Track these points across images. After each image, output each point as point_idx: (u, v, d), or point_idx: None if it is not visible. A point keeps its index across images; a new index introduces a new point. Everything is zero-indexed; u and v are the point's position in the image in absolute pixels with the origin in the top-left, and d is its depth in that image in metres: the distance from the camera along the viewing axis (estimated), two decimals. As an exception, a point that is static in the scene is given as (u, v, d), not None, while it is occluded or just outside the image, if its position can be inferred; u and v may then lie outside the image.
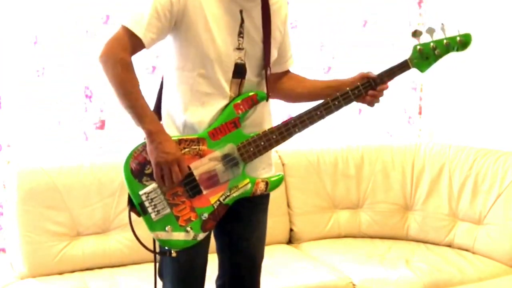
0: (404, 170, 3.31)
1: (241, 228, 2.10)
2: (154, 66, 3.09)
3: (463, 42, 2.10)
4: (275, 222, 3.15)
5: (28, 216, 2.67)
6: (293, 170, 3.23)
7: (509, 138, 3.22)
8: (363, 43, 3.61)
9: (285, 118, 2.14)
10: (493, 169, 3.05)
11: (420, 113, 3.82)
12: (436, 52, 2.10)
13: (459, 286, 2.74)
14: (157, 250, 1.98)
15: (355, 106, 3.65)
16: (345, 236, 3.28)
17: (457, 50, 2.11)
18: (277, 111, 2.16)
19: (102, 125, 3.06)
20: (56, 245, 2.70)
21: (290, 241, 3.24)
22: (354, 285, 2.75)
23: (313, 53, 3.53)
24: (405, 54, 2.19)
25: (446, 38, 2.10)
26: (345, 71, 3.60)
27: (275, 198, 3.14)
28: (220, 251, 2.16)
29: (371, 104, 2.08)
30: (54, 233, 2.70)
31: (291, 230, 3.23)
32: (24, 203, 2.66)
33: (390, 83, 2.13)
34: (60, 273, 2.70)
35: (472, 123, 3.47)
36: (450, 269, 2.85)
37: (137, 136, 1.96)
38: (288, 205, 3.23)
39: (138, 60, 1.93)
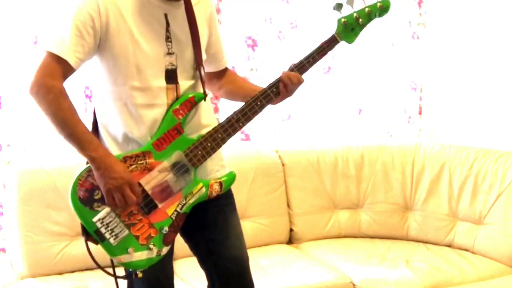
0: (404, 170, 3.30)
1: (213, 234, 2.04)
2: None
3: (383, 7, 2.10)
4: (275, 222, 3.16)
5: (28, 216, 2.67)
6: (293, 170, 3.23)
7: (509, 138, 3.22)
8: (363, 43, 3.61)
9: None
10: (493, 169, 3.05)
11: (420, 113, 3.82)
12: (360, 21, 2.10)
13: (459, 286, 2.74)
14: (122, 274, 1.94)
15: (355, 106, 3.67)
16: (345, 236, 3.28)
17: (380, 16, 2.12)
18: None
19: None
20: (56, 245, 2.70)
21: (290, 241, 3.24)
22: (354, 285, 2.75)
23: (313, 53, 3.52)
24: (405, 54, 2.19)
25: (367, 6, 2.10)
26: (345, 71, 3.61)
27: (275, 198, 3.17)
28: (203, 263, 2.10)
29: (289, 93, 2.03)
30: (54, 233, 2.70)
31: (291, 230, 3.23)
32: (24, 203, 2.66)
33: (390, 83, 2.12)
34: (60, 273, 2.70)
35: (472, 123, 3.47)
36: (450, 269, 2.85)
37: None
38: (288, 205, 3.23)
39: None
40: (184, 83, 1.94)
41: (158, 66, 1.88)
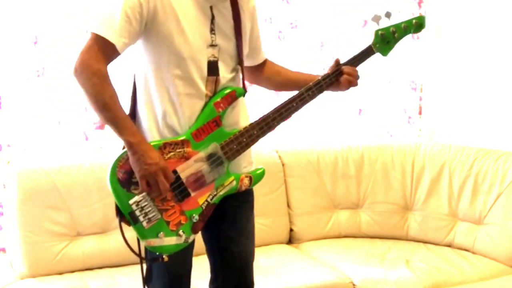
0: (404, 170, 3.31)
1: (228, 228, 2.08)
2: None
3: (418, 24, 2.20)
4: (275, 222, 3.16)
5: (28, 216, 2.67)
6: (293, 170, 3.23)
7: (509, 138, 3.22)
8: (363, 43, 3.60)
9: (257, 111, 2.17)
10: (493, 169, 3.05)
11: (420, 113, 3.82)
12: (395, 35, 2.19)
13: (459, 286, 2.74)
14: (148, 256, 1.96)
15: (355, 106, 3.67)
16: (345, 236, 3.28)
17: (414, 32, 2.22)
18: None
19: (102, 125, 3.06)
20: (56, 245, 2.70)
21: (290, 241, 3.24)
22: (354, 285, 2.75)
23: (313, 53, 3.53)
24: (405, 54, 2.22)
25: (403, 22, 2.20)
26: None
27: (275, 198, 3.17)
28: (211, 254, 2.15)
29: (345, 87, 2.14)
30: (54, 233, 2.70)
31: (291, 230, 3.23)
32: (24, 203, 2.66)
33: (390, 83, 2.15)
34: (60, 273, 2.70)
35: (472, 123, 3.47)
36: (450, 269, 2.85)
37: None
38: (288, 205, 3.23)
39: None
40: (224, 76, 1.97)
41: (201, 57, 1.91)
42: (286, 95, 2.13)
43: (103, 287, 2.59)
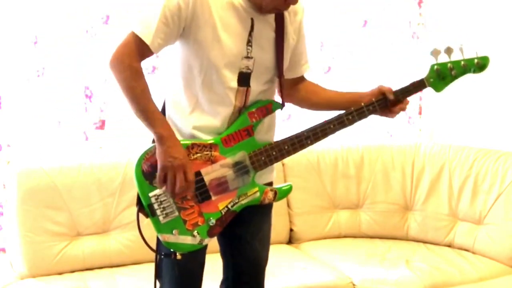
0: (404, 170, 3.31)
1: (244, 232, 2.08)
2: (154, 66, 3.09)
3: (480, 65, 2.10)
4: (275, 222, 3.10)
5: (28, 216, 2.67)
6: (293, 170, 3.23)
7: (509, 138, 3.22)
8: (363, 43, 3.61)
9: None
10: (493, 169, 3.05)
11: (420, 113, 3.82)
12: (452, 72, 2.09)
13: (459, 286, 2.74)
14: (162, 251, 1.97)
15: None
16: (345, 236, 3.28)
17: (474, 72, 2.11)
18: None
19: (102, 125, 3.06)
20: (56, 245, 2.70)
21: (290, 241, 3.24)
22: (354, 285, 2.75)
23: (313, 53, 3.52)
24: (405, 54, 2.20)
25: (464, 60, 2.09)
26: (345, 71, 3.61)
27: (275, 198, 3.17)
28: (224, 255, 2.16)
29: (390, 116, 2.13)
30: (54, 233, 2.70)
31: (291, 230, 3.23)
32: (24, 203, 2.66)
33: (391, 84, 2.13)
34: (60, 273, 2.70)
35: (472, 123, 3.47)
36: (450, 269, 2.85)
37: (136, 136, 1.96)
38: (288, 205, 3.23)
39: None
40: (256, 87, 1.96)
41: (233, 67, 1.90)
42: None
43: (103, 287, 2.59)
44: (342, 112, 2.04)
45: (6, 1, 2.84)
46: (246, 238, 2.10)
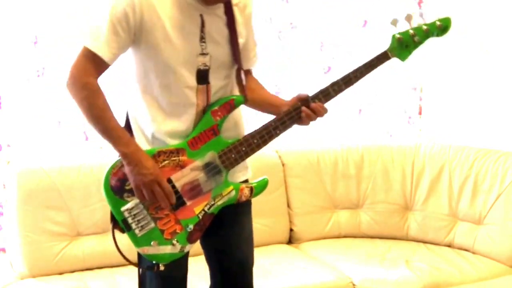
0: (404, 170, 3.31)
1: (226, 234, 2.06)
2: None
3: (442, 27, 2.05)
4: (275, 222, 3.16)
5: (28, 216, 2.67)
6: (293, 170, 3.23)
7: (509, 138, 3.22)
8: (363, 43, 3.61)
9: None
10: (493, 169, 3.05)
11: (420, 113, 3.82)
12: (415, 39, 2.03)
13: (459, 286, 2.74)
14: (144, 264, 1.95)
15: (355, 106, 3.67)
16: (345, 236, 3.28)
17: (438, 35, 2.06)
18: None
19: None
20: (56, 245, 2.71)
21: (290, 241, 3.24)
22: (354, 285, 2.75)
23: (313, 53, 3.53)
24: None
25: (425, 24, 2.03)
26: (345, 71, 3.60)
27: (275, 198, 3.17)
28: (209, 261, 2.13)
29: (304, 123, 1.99)
30: (54, 233, 2.70)
31: (291, 230, 3.23)
32: (24, 203, 2.67)
33: (391, 84, 2.10)
34: (60, 273, 2.70)
35: (472, 123, 3.47)
36: (450, 269, 2.85)
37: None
38: (288, 205, 3.23)
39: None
40: (216, 83, 1.93)
41: (190, 66, 1.87)
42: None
43: (103, 287, 2.59)
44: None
45: (6, 1, 2.84)
46: (230, 241, 2.07)
